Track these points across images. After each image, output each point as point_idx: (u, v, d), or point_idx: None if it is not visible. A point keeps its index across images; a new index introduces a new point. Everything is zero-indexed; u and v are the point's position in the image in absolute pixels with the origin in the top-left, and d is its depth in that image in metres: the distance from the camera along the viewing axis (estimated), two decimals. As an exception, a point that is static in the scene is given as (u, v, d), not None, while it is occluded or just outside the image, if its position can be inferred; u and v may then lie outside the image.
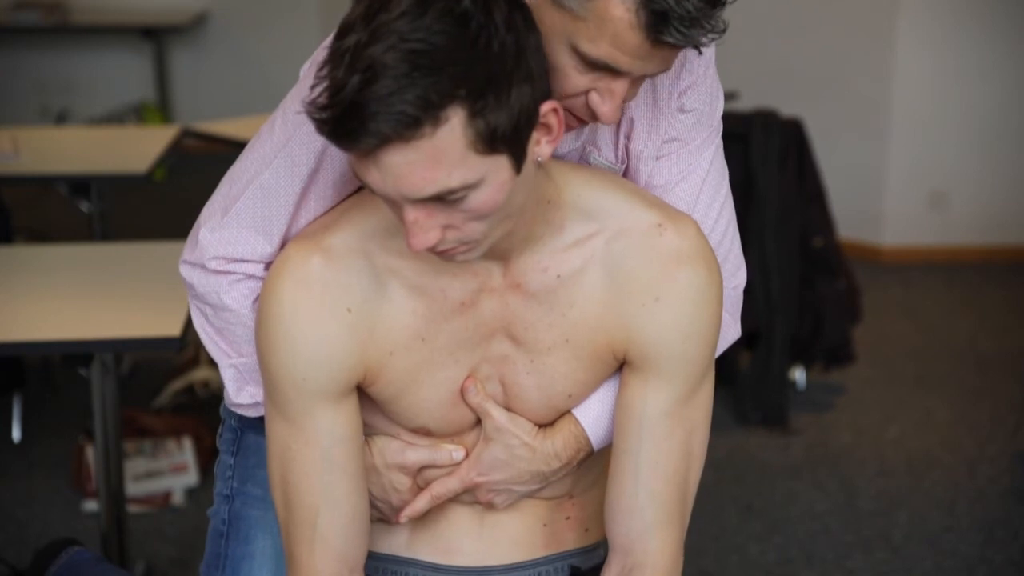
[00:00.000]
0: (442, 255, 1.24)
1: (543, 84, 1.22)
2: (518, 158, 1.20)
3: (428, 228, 1.19)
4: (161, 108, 6.57)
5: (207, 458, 3.47)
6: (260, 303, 1.35)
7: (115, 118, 6.36)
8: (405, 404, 1.38)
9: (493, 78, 1.15)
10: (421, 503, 1.45)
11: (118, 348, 2.60)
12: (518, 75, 1.17)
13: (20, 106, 6.56)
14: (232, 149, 3.15)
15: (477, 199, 1.19)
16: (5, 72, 6.58)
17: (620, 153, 1.46)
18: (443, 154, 1.15)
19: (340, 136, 1.15)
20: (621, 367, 1.40)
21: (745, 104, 4.83)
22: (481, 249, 1.25)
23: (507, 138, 1.17)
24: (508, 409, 1.40)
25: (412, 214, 1.19)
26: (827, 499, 3.48)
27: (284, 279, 1.32)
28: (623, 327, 1.35)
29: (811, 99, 5.52)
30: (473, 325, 1.35)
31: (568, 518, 1.51)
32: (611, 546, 1.44)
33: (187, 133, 4.02)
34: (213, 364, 3.82)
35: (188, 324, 2.29)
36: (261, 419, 1.46)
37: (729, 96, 5.05)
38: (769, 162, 3.83)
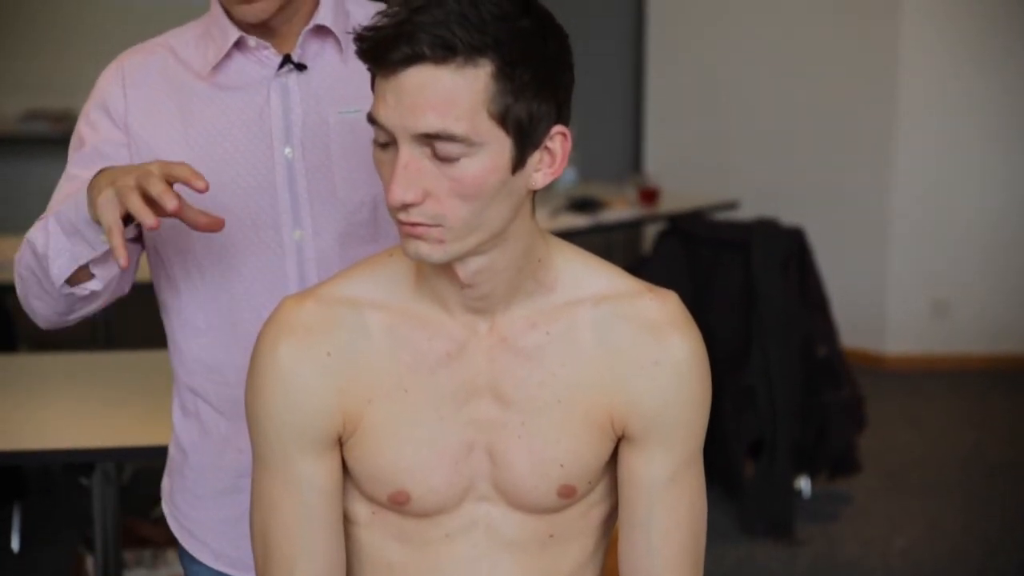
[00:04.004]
0: (411, 230, 1.24)
1: (563, 115, 1.26)
2: (518, 153, 1.24)
3: (413, 182, 1.22)
4: (167, 216, 6.61)
5: (207, 568, 3.43)
6: (252, 352, 1.37)
7: (121, 226, 6.38)
8: (383, 462, 1.35)
9: (530, 59, 1.21)
10: None
11: (120, 457, 2.59)
12: (545, 84, 1.23)
13: (26, 214, 6.61)
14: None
15: (469, 167, 1.21)
16: (13, 181, 6.64)
17: None
18: (460, 96, 1.20)
19: (379, 49, 1.20)
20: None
21: (746, 213, 4.87)
22: (450, 248, 1.25)
23: (517, 123, 1.22)
24: (496, 482, 1.36)
25: (405, 157, 1.22)
26: (835, 611, 3.44)
27: (271, 326, 1.35)
28: (623, 392, 1.35)
29: (812, 208, 5.56)
30: (459, 380, 1.34)
31: None
32: None
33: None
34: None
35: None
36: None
37: (730, 206, 5.10)
38: (771, 271, 3.84)
